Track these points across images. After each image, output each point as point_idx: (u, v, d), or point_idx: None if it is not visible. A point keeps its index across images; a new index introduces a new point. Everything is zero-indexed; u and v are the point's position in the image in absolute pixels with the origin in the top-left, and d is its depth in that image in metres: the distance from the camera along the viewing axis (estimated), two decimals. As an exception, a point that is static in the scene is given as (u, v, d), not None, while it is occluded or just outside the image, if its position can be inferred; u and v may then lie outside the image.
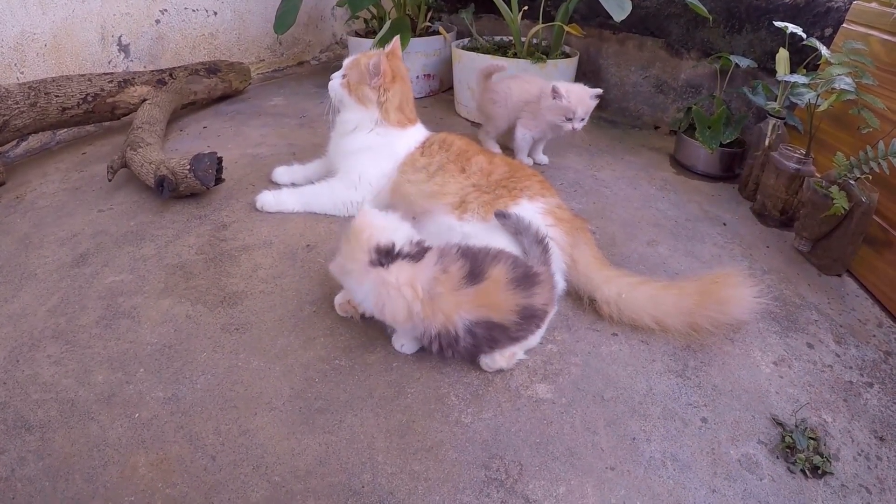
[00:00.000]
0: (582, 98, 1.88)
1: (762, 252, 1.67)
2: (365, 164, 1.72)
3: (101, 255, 1.52)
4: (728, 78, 2.00)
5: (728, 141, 1.93)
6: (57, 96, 1.87)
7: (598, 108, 2.78)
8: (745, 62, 1.88)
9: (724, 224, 1.82)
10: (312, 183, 1.86)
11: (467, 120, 2.64)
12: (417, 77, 2.87)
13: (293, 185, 1.90)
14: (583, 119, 1.92)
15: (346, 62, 1.72)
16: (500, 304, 1.13)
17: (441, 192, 1.58)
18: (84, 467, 0.96)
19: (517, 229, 1.34)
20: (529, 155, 2.17)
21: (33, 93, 1.80)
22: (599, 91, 1.91)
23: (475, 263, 1.14)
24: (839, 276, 1.56)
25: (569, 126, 1.91)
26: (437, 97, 3.02)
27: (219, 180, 1.79)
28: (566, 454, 1.05)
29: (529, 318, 1.17)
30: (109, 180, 1.76)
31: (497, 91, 2.11)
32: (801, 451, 1.03)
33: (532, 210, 1.48)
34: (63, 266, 1.48)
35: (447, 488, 0.99)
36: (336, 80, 1.71)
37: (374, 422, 1.10)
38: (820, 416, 1.14)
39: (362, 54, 1.69)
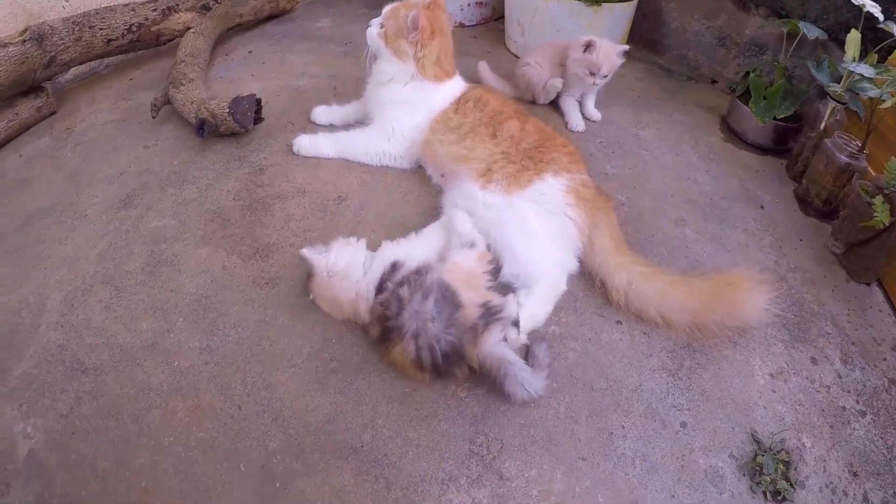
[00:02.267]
0: (609, 55, 1.89)
1: (793, 246, 1.61)
2: (399, 117, 1.72)
3: (146, 197, 1.64)
4: (795, 44, 1.79)
5: (783, 116, 1.78)
6: (101, 29, 1.89)
7: (655, 53, 2.58)
8: (814, 32, 1.67)
9: (762, 207, 1.74)
10: (350, 125, 1.88)
11: (515, 56, 2.50)
12: (469, 4, 2.69)
13: (331, 125, 1.93)
14: (605, 76, 1.94)
15: (385, 10, 1.66)
16: None
17: (469, 156, 1.58)
18: (132, 409, 1.14)
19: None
20: (582, 111, 2.09)
21: (77, 27, 1.83)
22: (626, 48, 1.92)
23: None
24: (868, 284, 1.50)
25: (590, 80, 1.94)
26: (488, 26, 2.84)
27: (258, 120, 1.84)
28: (545, 439, 1.15)
29: None
30: (153, 117, 1.84)
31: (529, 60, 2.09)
32: (767, 475, 1.08)
33: (555, 186, 1.48)
34: (111, 207, 1.60)
35: (434, 456, 1.12)
36: (374, 29, 1.66)
37: (380, 387, 1.22)
38: (800, 440, 1.16)
39: (402, 3, 1.62)
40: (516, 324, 1.26)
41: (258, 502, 1.03)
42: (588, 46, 1.87)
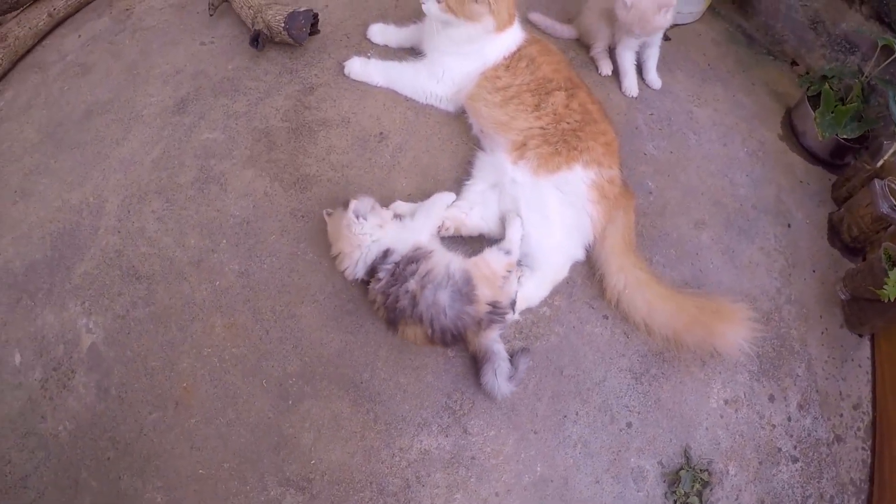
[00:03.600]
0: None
1: (803, 276, 1.64)
2: (452, 63, 1.71)
3: (199, 104, 1.72)
4: (888, 62, 1.62)
5: (846, 137, 1.70)
6: None
7: (742, 14, 2.33)
8: (909, 61, 1.51)
9: (789, 225, 1.73)
10: (404, 49, 1.88)
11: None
12: None
13: (386, 46, 1.92)
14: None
15: None
16: None
17: (508, 125, 1.60)
18: (178, 319, 1.38)
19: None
20: (641, 75, 1.99)
21: None
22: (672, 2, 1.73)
23: None
24: (861, 336, 1.54)
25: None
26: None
27: (313, 33, 1.83)
28: (509, 408, 1.36)
29: None
30: (211, 15, 1.84)
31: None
32: (682, 488, 1.26)
33: (583, 179, 1.51)
34: (166, 111, 1.69)
35: (415, 403, 1.35)
36: (431, 5, 1.56)
37: (384, 334, 1.41)
38: (726, 466, 1.32)
39: None
40: (513, 304, 1.42)
41: (273, 414, 1.31)
42: None
